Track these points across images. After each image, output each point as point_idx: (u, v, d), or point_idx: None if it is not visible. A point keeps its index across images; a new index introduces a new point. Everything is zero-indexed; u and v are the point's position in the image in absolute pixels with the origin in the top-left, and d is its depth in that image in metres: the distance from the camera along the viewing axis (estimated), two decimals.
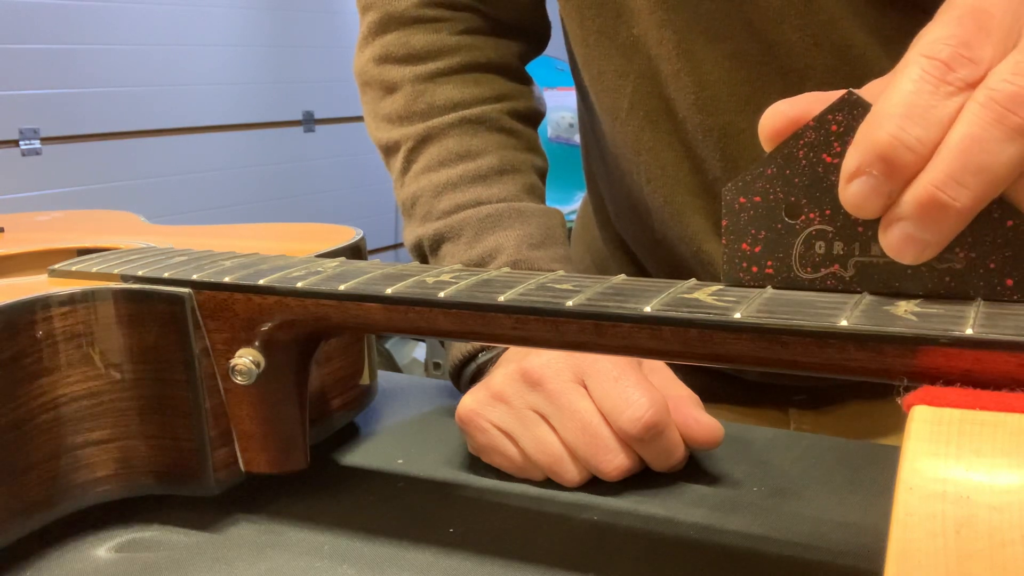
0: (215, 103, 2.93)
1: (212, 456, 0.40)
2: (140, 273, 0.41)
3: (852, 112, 0.30)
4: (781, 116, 0.31)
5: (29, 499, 0.38)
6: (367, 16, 0.66)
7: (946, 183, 0.27)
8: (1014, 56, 0.28)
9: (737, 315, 0.29)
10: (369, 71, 0.65)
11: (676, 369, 0.48)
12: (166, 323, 0.39)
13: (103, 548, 0.40)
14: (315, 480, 0.46)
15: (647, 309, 0.31)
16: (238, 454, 0.41)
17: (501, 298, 0.33)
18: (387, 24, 0.64)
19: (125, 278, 0.41)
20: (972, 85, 0.28)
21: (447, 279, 0.36)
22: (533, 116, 0.66)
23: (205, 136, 2.92)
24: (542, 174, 0.64)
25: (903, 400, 0.25)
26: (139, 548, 0.40)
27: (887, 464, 0.45)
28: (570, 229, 0.67)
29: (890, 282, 0.30)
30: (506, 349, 0.51)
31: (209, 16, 2.88)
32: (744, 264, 0.32)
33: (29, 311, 0.38)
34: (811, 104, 0.31)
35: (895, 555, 0.20)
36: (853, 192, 0.29)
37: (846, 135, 0.30)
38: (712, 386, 0.46)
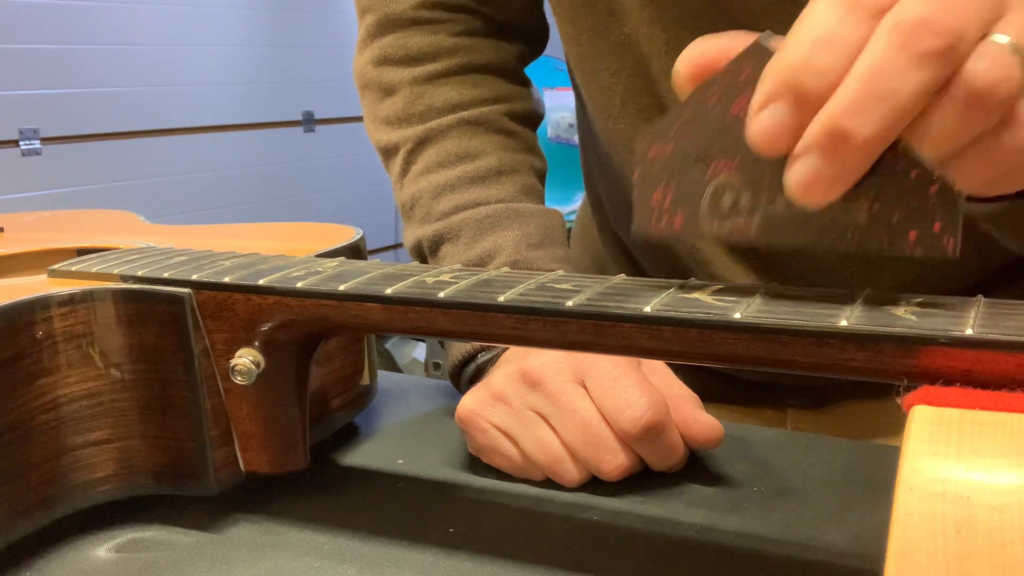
0: (215, 103, 2.93)
1: (212, 456, 0.40)
2: (140, 273, 0.41)
3: (762, 59, 0.29)
4: (697, 58, 0.30)
5: (29, 499, 0.38)
6: (365, 18, 0.66)
7: (850, 111, 0.26)
8: None
9: (737, 315, 0.29)
10: (368, 73, 0.65)
11: (674, 369, 0.48)
12: (166, 323, 0.39)
13: (103, 548, 0.40)
14: (315, 480, 0.46)
15: (647, 309, 0.31)
16: (238, 454, 0.41)
17: (501, 298, 0.33)
18: (385, 26, 0.64)
19: (125, 278, 0.41)
20: (883, 11, 0.27)
21: (447, 279, 0.36)
22: (531, 117, 0.66)
23: (205, 136, 2.92)
24: (541, 175, 0.64)
25: (903, 400, 0.25)
26: (139, 548, 0.40)
27: (887, 464, 0.45)
28: (569, 230, 0.67)
29: (793, 236, 0.30)
30: (506, 349, 0.51)
31: (209, 16, 2.88)
32: (655, 214, 0.32)
33: (29, 311, 0.38)
34: (730, 43, 0.30)
35: (895, 555, 0.20)
36: (761, 124, 0.28)
37: (755, 83, 0.28)
38: (710, 386, 0.46)
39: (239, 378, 0.39)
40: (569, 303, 0.32)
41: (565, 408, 0.44)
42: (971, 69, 0.26)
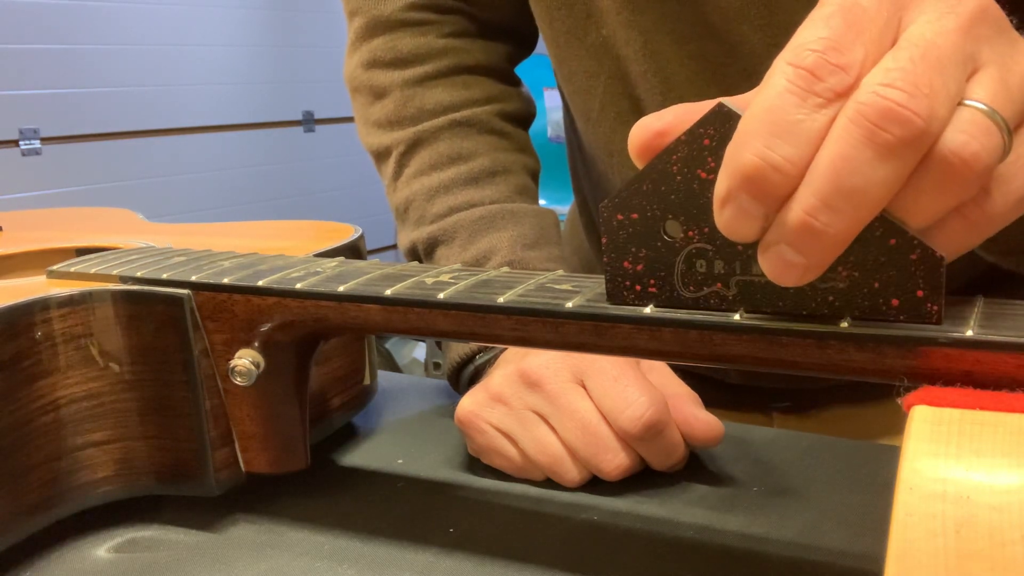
0: (215, 103, 2.93)
1: (212, 456, 0.40)
2: (139, 274, 0.41)
3: (724, 125, 0.27)
4: (647, 130, 0.29)
5: (30, 500, 0.38)
6: (354, 21, 0.65)
7: (818, 209, 0.25)
8: (886, 62, 0.25)
9: (737, 316, 0.29)
10: (358, 76, 0.65)
11: None
12: (165, 324, 0.39)
13: (103, 548, 0.40)
14: (315, 480, 0.46)
15: (647, 310, 0.31)
16: (238, 454, 0.41)
17: (500, 299, 0.33)
18: (374, 29, 0.64)
19: (124, 279, 0.41)
20: (843, 94, 0.25)
21: (446, 280, 0.36)
22: (523, 117, 0.66)
23: (205, 136, 2.92)
24: (534, 175, 0.64)
25: (903, 400, 0.25)
26: (139, 548, 0.40)
27: (887, 464, 0.45)
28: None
29: (773, 301, 0.29)
30: (504, 350, 0.51)
31: (209, 16, 2.88)
32: (627, 283, 0.31)
33: (28, 313, 0.38)
34: (681, 116, 0.29)
35: (895, 555, 0.20)
36: (726, 218, 0.26)
37: (719, 149, 0.27)
38: (695, 390, 0.46)
39: (239, 379, 0.39)
40: (569, 304, 0.32)
41: (565, 408, 0.44)
42: (946, 144, 0.25)
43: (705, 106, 0.28)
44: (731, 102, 0.28)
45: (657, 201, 0.30)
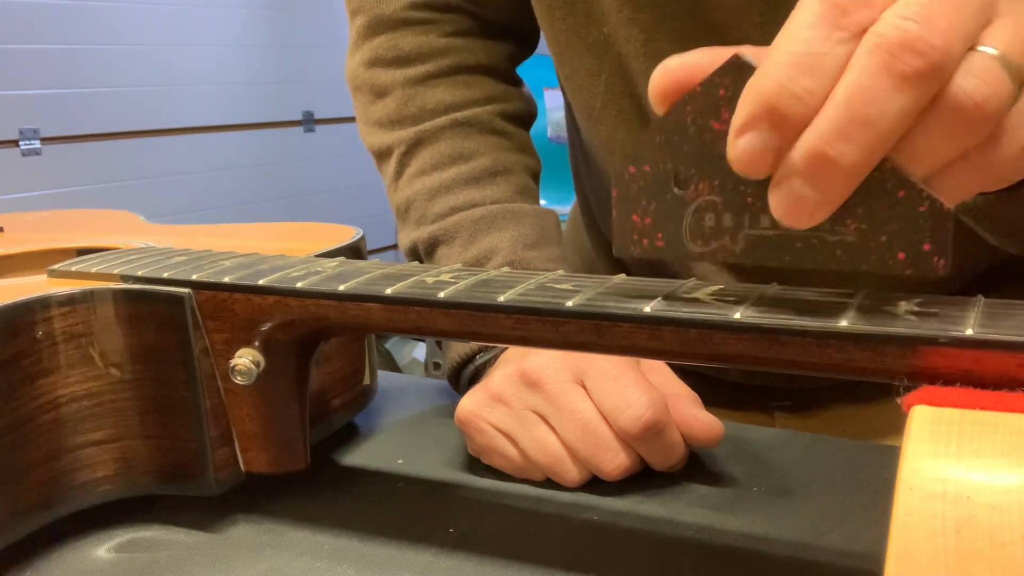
0: (215, 103, 2.93)
1: (212, 456, 0.40)
2: (140, 273, 0.41)
3: (740, 75, 0.27)
4: (670, 75, 0.29)
5: (29, 499, 0.38)
6: (356, 20, 0.65)
7: (832, 137, 0.25)
8: None
9: (737, 315, 0.29)
10: (359, 75, 0.65)
11: None
12: (166, 323, 0.39)
13: (103, 548, 0.40)
14: (315, 480, 0.46)
15: (647, 309, 0.31)
16: (238, 454, 0.41)
17: (501, 298, 0.33)
18: (376, 27, 0.64)
19: (125, 278, 0.41)
20: (866, 28, 0.26)
21: (447, 279, 0.36)
22: (524, 117, 0.66)
23: (205, 136, 2.92)
24: (535, 175, 0.64)
25: (903, 400, 0.25)
26: (139, 548, 0.40)
27: (887, 464, 0.45)
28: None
29: (780, 256, 0.29)
30: (504, 350, 0.51)
31: (209, 16, 2.88)
32: (635, 236, 0.31)
33: (29, 311, 0.38)
34: (705, 59, 0.29)
35: (895, 555, 0.20)
36: (741, 148, 0.27)
37: (734, 100, 0.27)
38: (695, 389, 0.46)
39: (239, 378, 0.39)
40: (569, 303, 0.32)
41: (565, 408, 0.44)
42: (959, 86, 0.25)
43: (726, 52, 0.28)
44: (750, 52, 0.28)
45: (670, 153, 0.30)
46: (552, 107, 2.87)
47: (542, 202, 0.63)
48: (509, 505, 0.43)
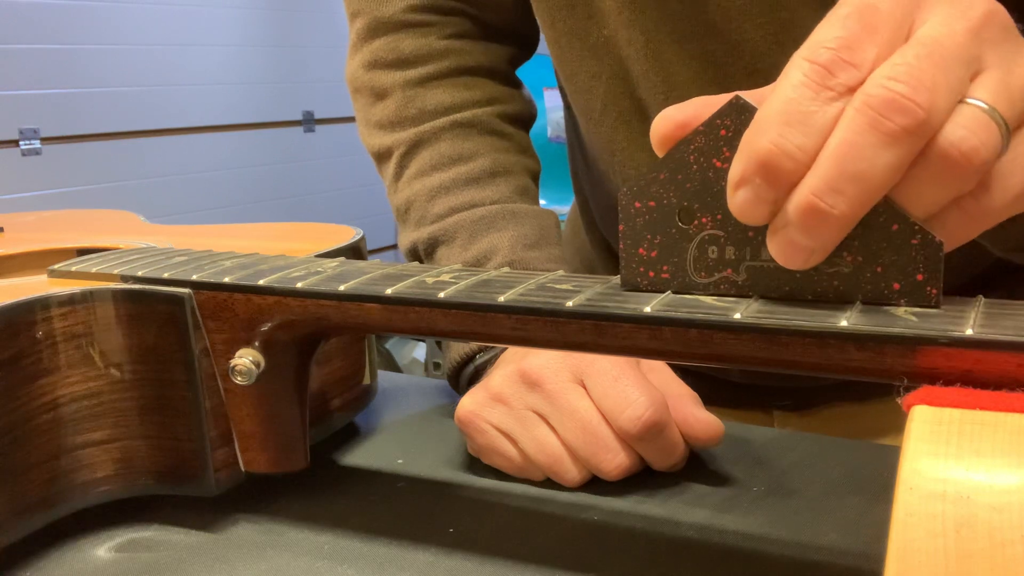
0: (215, 103, 2.93)
1: (212, 456, 0.40)
2: (140, 273, 0.41)
3: (740, 117, 0.29)
4: (670, 121, 0.31)
5: (29, 499, 0.38)
6: (356, 22, 0.66)
7: (824, 191, 0.27)
8: (894, 58, 0.27)
9: (737, 315, 0.29)
10: (359, 77, 0.65)
11: None
12: (166, 323, 0.39)
13: (103, 548, 0.40)
14: (315, 480, 0.46)
15: (647, 309, 0.31)
16: (238, 454, 0.41)
17: (501, 298, 0.33)
18: (376, 30, 0.64)
19: (125, 278, 0.41)
20: (854, 89, 0.27)
21: (447, 279, 0.36)
22: (524, 119, 0.66)
23: (205, 136, 2.92)
24: (535, 176, 0.64)
25: (903, 400, 0.25)
26: (139, 548, 0.40)
27: (887, 464, 0.45)
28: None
29: (780, 286, 0.30)
30: (504, 350, 0.51)
31: (209, 16, 2.88)
32: (641, 269, 0.32)
33: (29, 311, 0.38)
34: (700, 109, 0.31)
35: (895, 555, 0.20)
36: (739, 201, 0.28)
37: (734, 139, 0.29)
38: (695, 388, 0.46)
39: (239, 378, 0.39)
40: (569, 303, 0.32)
41: (564, 408, 0.44)
42: (946, 137, 0.26)
43: (723, 99, 0.30)
44: (747, 96, 0.29)
45: (674, 189, 0.31)
46: (552, 107, 2.87)
47: (542, 202, 0.63)
48: (509, 505, 0.43)
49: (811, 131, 0.27)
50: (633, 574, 0.37)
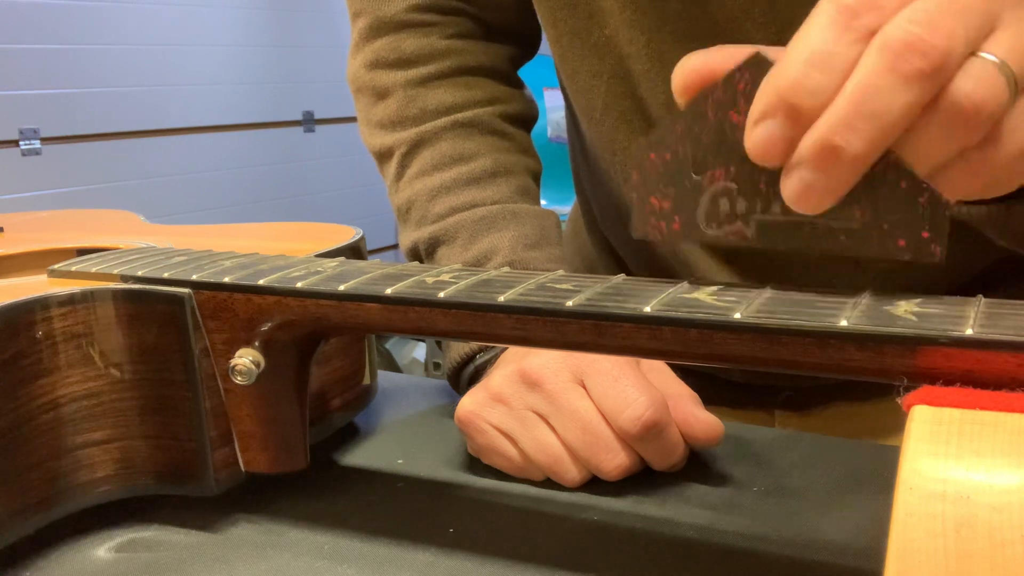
0: (215, 103, 2.93)
1: (212, 456, 0.40)
2: (140, 273, 0.41)
3: (759, 71, 0.30)
4: (694, 71, 0.31)
5: (29, 499, 0.38)
6: (358, 22, 0.66)
7: (840, 128, 0.28)
8: (916, 3, 0.28)
9: (737, 315, 0.29)
10: (361, 77, 0.65)
11: None
12: (166, 323, 0.39)
13: (103, 548, 0.40)
14: (315, 480, 0.46)
15: (647, 309, 0.31)
16: (238, 454, 0.41)
17: (501, 298, 0.33)
18: (377, 29, 0.64)
19: (125, 278, 0.41)
20: (875, 32, 0.28)
21: (447, 279, 0.36)
22: (525, 119, 0.66)
23: (205, 136, 2.92)
24: (536, 176, 0.64)
25: (903, 400, 0.25)
26: (139, 548, 0.40)
27: (887, 464, 0.45)
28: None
29: (789, 240, 0.31)
30: (504, 350, 0.51)
31: (209, 16, 2.88)
32: (653, 219, 0.33)
33: (29, 311, 0.38)
34: (724, 58, 0.31)
35: (895, 555, 0.20)
36: (757, 137, 0.29)
37: (751, 93, 0.30)
38: (696, 388, 0.46)
39: (239, 378, 0.39)
40: (569, 303, 0.32)
41: (565, 408, 0.44)
42: (957, 87, 0.27)
43: (746, 49, 0.30)
44: (768, 51, 0.30)
45: (689, 141, 0.32)
46: (552, 107, 2.87)
47: (542, 202, 0.63)
48: (509, 505, 0.43)
49: (833, 70, 0.28)
50: (633, 574, 0.37)
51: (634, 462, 0.44)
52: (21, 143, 2.48)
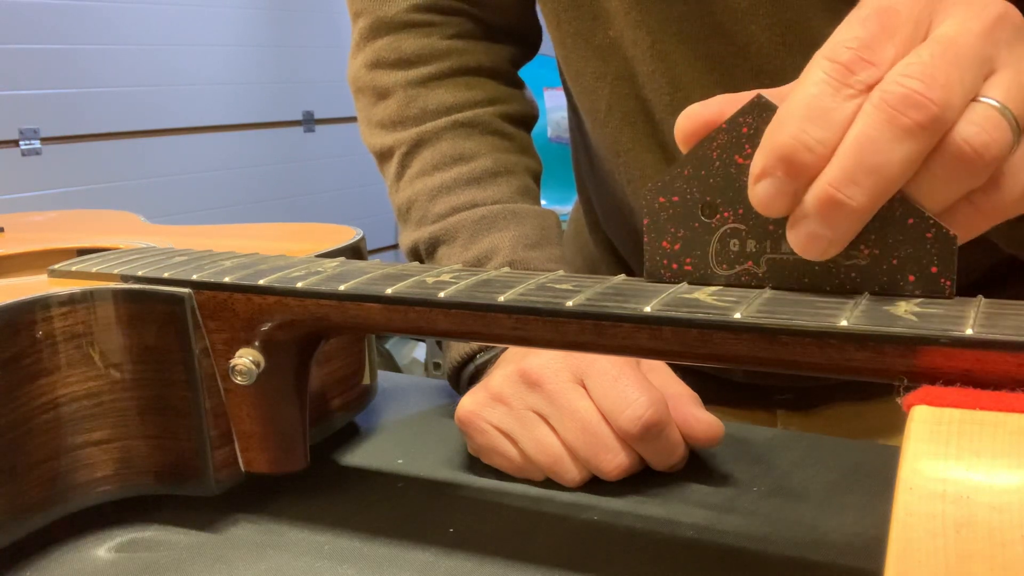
0: (215, 103, 2.93)
1: (212, 456, 0.40)
2: (140, 273, 0.41)
3: (761, 115, 0.30)
4: (695, 118, 0.32)
5: (29, 499, 0.38)
6: (358, 22, 0.66)
7: (842, 182, 0.28)
8: (910, 57, 0.28)
9: (737, 315, 0.29)
10: (361, 77, 0.65)
11: None
12: (166, 323, 0.39)
13: (103, 548, 0.40)
14: (315, 480, 0.46)
15: (647, 309, 0.31)
16: (238, 454, 0.41)
17: (501, 298, 0.33)
18: (378, 29, 0.64)
19: (125, 278, 0.41)
20: (872, 87, 0.28)
21: (447, 279, 0.36)
22: (525, 119, 0.66)
23: (205, 136, 2.92)
24: (536, 176, 0.64)
25: (903, 400, 0.25)
26: (139, 548, 0.40)
27: (887, 464, 0.45)
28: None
29: (800, 278, 0.31)
30: (504, 350, 0.51)
31: (209, 16, 2.88)
32: (664, 261, 0.34)
33: (29, 311, 0.38)
34: (724, 106, 0.32)
35: (895, 555, 0.20)
36: (760, 193, 0.30)
37: (755, 137, 0.30)
38: (698, 388, 0.46)
39: (239, 378, 0.39)
40: (569, 303, 0.32)
41: (565, 408, 0.44)
42: (959, 133, 0.28)
43: (745, 96, 0.31)
44: (768, 94, 0.31)
45: (697, 184, 0.32)
46: (552, 107, 2.87)
47: (543, 202, 0.63)
48: (509, 505, 0.43)
49: (830, 126, 0.28)
50: (633, 574, 0.37)
51: (634, 462, 0.44)
52: (21, 143, 2.48)
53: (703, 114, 0.32)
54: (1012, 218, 0.40)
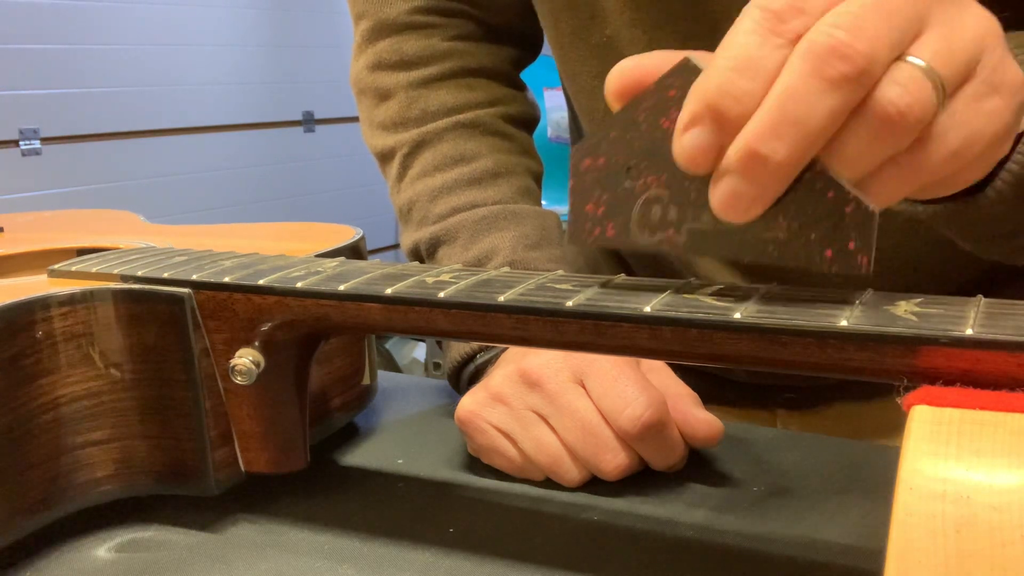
0: (215, 103, 2.93)
1: (212, 456, 0.40)
2: (140, 273, 0.41)
3: (689, 77, 0.29)
4: (626, 75, 0.31)
5: (29, 499, 0.38)
6: (360, 24, 0.66)
7: (764, 135, 0.27)
8: (840, 7, 0.27)
9: (737, 315, 0.29)
10: (363, 79, 0.65)
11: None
12: (166, 323, 0.39)
13: (103, 548, 0.40)
14: (315, 480, 0.46)
15: (647, 309, 0.31)
16: (238, 454, 0.41)
17: (501, 298, 0.33)
18: (379, 31, 0.64)
19: (125, 278, 0.41)
20: (801, 36, 0.28)
21: (447, 279, 0.36)
22: (527, 120, 0.66)
23: (205, 136, 2.92)
24: (537, 177, 0.64)
25: (903, 400, 0.25)
26: (139, 548, 0.40)
27: (887, 464, 0.45)
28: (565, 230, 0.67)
29: (718, 250, 0.31)
30: (504, 350, 0.51)
31: (209, 16, 2.88)
32: (587, 225, 0.33)
33: (29, 311, 0.38)
34: (658, 62, 0.30)
35: (895, 555, 0.20)
36: (685, 144, 0.29)
37: (682, 100, 0.29)
38: (699, 387, 0.46)
39: (239, 378, 0.39)
40: (569, 303, 0.32)
41: (564, 408, 0.44)
42: (883, 93, 0.27)
43: (678, 55, 0.30)
44: (699, 57, 0.30)
45: (622, 147, 0.31)
46: (552, 107, 2.87)
47: (543, 203, 0.63)
48: (509, 505, 0.43)
49: (757, 76, 0.27)
50: (633, 574, 0.37)
51: (634, 462, 0.44)
52: (21, 143, 2.48)
53: (634, 72, 0.31)
54: (982, 238, 0.39)
